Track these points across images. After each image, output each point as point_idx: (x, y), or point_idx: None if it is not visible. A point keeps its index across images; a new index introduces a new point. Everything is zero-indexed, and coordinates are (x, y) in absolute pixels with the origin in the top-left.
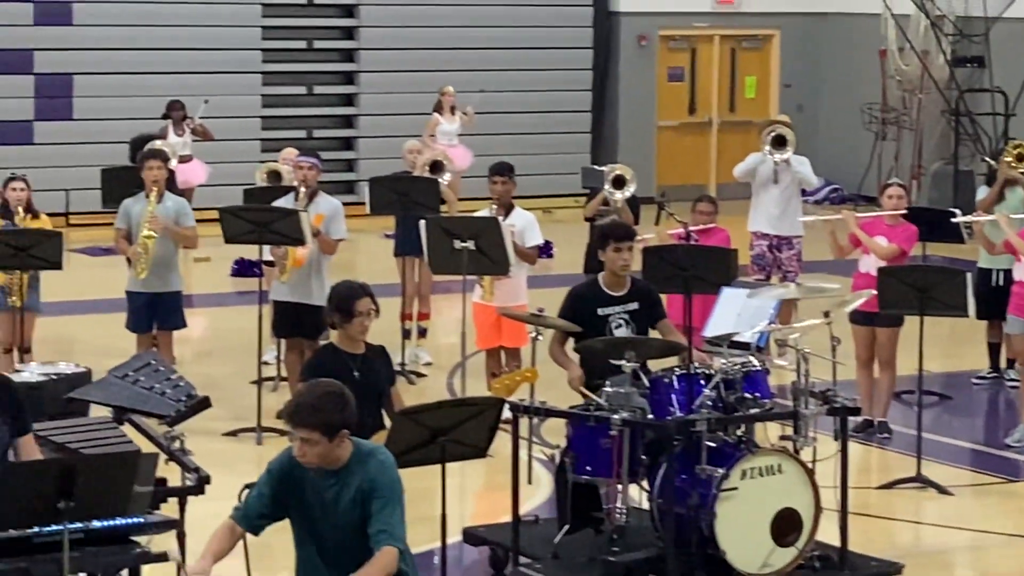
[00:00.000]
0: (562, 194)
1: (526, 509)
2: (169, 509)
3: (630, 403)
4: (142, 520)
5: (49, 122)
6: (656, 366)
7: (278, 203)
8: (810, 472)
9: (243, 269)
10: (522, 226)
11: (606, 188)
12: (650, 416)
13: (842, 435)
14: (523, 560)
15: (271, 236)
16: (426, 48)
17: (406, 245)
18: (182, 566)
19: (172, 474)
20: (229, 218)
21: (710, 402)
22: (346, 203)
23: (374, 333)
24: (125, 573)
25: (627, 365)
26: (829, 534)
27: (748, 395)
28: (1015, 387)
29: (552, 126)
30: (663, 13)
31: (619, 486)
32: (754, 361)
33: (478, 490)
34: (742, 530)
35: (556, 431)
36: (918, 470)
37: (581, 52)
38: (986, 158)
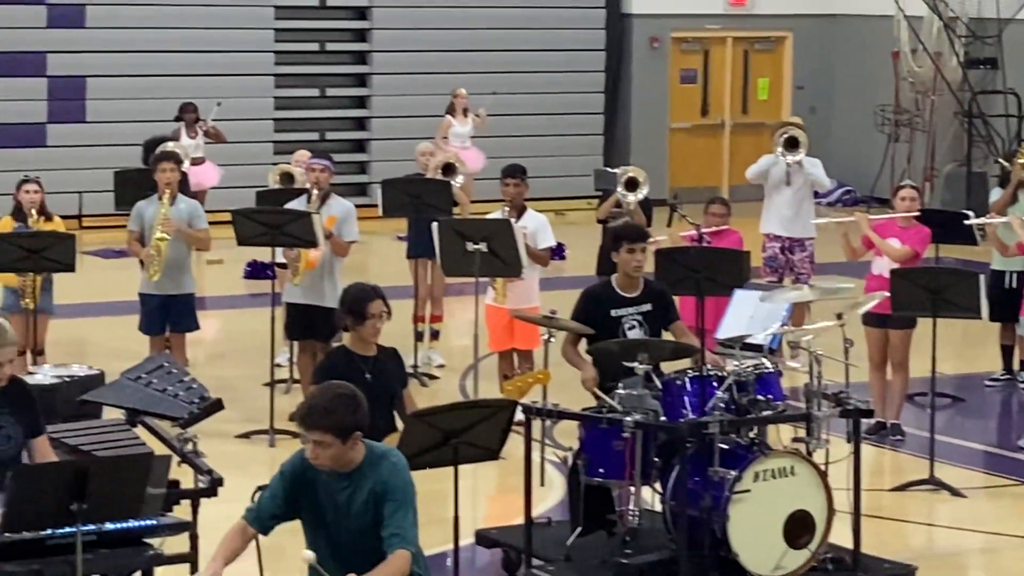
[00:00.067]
0: (574, 196)
1: (539, 511)
2: (182, 511)
3: (643, 405)
4: (155, 522)
5: (62, 124)
6: (669, 368)
7: (291, 205)
8: (823, 474)
9: (256, 271)
10: (534, 228)
11: (619, 190)
12: (663, 418)
13: (855, 437)
14: (536, 562)
15: (284, 238)
16: (438, 50)
17: (418, 247)
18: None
19: (185, 476)
20: (242, 220)
21: (723, 404)
22: (358, 205)
23: (386, 335)
24: (138, 575)
25: (639, 367)
26: (842, 536)
27: (761, 397)
28: None
29: (564, 128)
30: (675, 15)
31: (632, 488)
32: (767, 363)
33: (491, 492)
34: (755, 532)
35: (569, 433)
36: (931, 472)
37: (593, 54)
38: (999, 160)
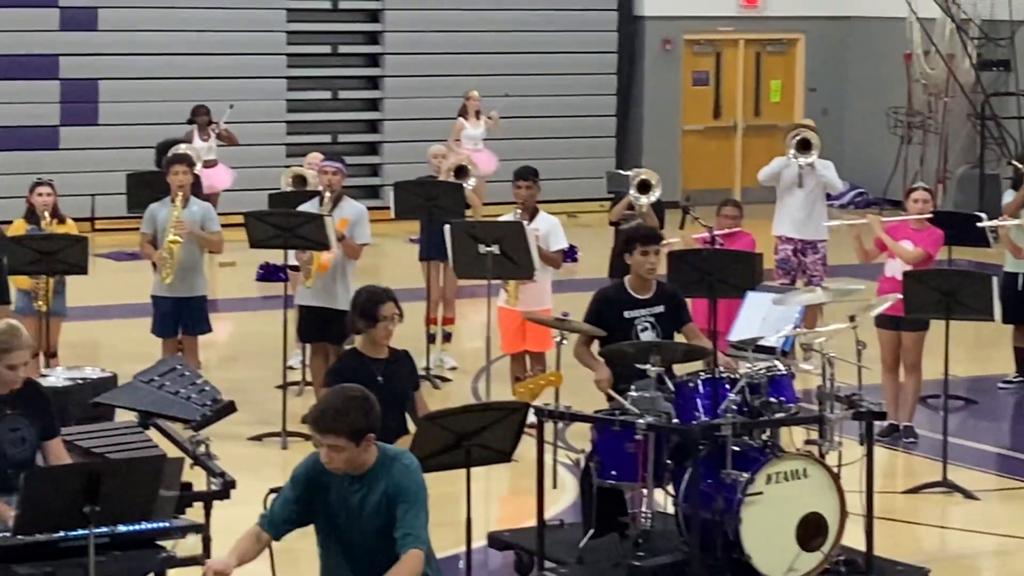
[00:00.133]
0: (587, 198)
1: (551, 513)
2: (195, 513)
3: (655, 407)
4: (167, 524)
5: (75, 127)
6: (681, 370)
7: (303, 208)
8: (835, 476)
9: (268, 274)
10: (547, 230)
11: (631, 192)
12: (675, 420)
13: (868, 439)
14: (548, 565)
15: (296, 241)
16: (451, 53)
17: (431, 249)
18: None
19: (197, 478)
20: (254, 223)
21: (735, 406)
22: (371, 208)
23: (399, 337)
24: None
25: (652, 369)
26: (855, 539)
27: (773, 399)
28: None
29: (577, 130)
30: (688, 17)
31: (644, 490)
32: (779, 365)
33: (503, 494)
34: (767, 535)
35: (581, 435)
36: (944, 474)
37: (606, 56)
38: (1012, 162)
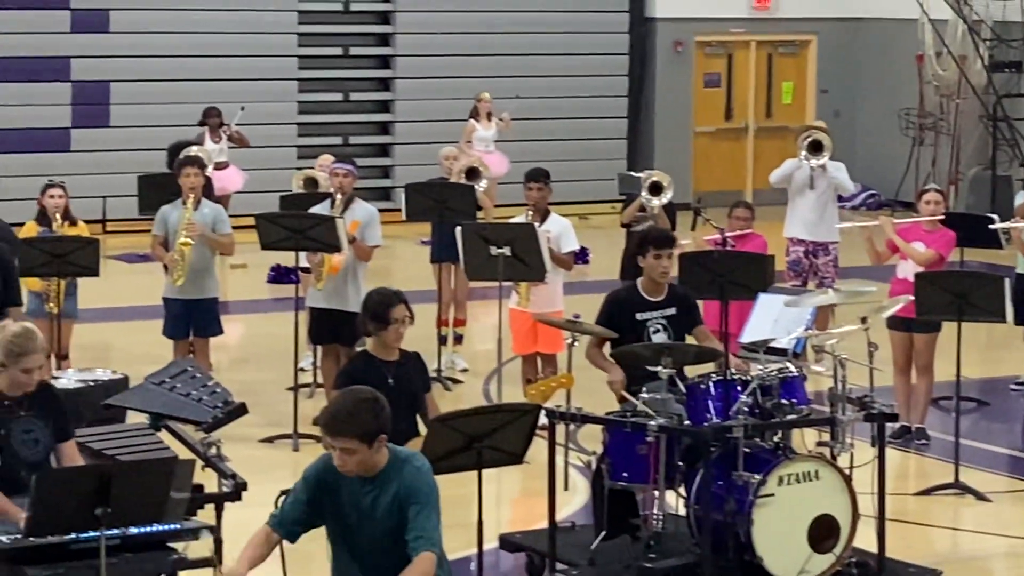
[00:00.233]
0: (598, 200)
1: (562, 515)
2: (206, 515)
3: (667, 409)
4: (179, 526)
5: (86, 129)
6: (693, 372)
7: (314, 210)
8: (847, 478)
9: (279, 276)
10: (558, 232)
11: (643, 194)
12: (687, 422)
13: (879, 441)
14: (559, 567)
15: (307, 243)
16: (462, 54)
17: (442, 251)
18: (219, 566)
19: (209, 480)
20: (265, 225)
21: (747, 408)
22: (382, 209)
23: (410, 339)
24: None
25: (664, 371)
26: (867, 540)
27: (785, 401)
28: None
29: (588, 132)
30: (699, 19)
31: (656, 492)
32: (791, 367)
33: (514, 496)
34: (779, 537)
35: (592, 437)
36: (956, 476)
37: (617, 58)
38: None
